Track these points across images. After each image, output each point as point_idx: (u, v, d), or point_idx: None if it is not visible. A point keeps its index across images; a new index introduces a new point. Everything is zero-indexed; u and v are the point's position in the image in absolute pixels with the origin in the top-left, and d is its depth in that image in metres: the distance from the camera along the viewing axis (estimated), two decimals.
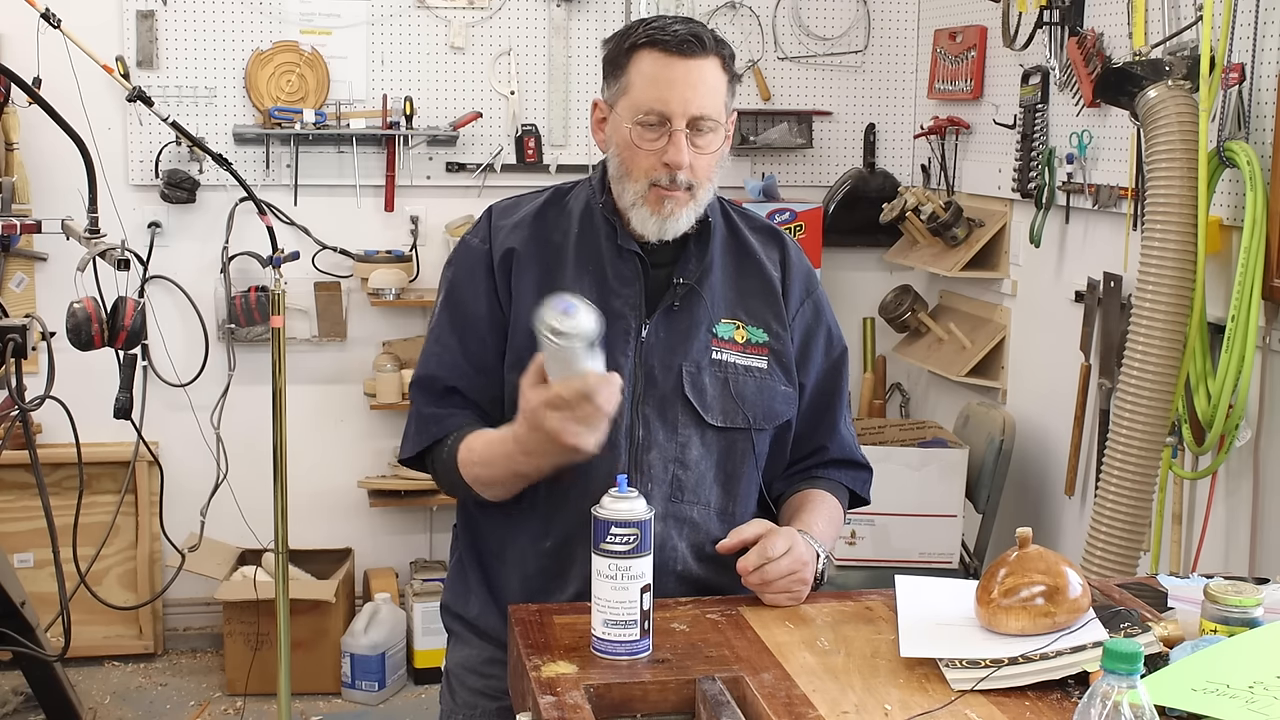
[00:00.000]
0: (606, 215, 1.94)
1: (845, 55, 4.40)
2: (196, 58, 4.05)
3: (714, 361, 1.92)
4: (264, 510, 3.46)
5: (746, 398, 1.93)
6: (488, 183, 4.20)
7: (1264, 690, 1.40)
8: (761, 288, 1.99)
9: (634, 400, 1.90)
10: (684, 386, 1.90)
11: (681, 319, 1.92)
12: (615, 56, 1.90)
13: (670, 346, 1.91)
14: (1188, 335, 2.82)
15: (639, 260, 1.92)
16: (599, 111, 1.95)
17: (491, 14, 4.19)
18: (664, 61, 1.84)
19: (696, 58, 1.84)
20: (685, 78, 1.84)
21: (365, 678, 3.95)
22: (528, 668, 1.58)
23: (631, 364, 1.90)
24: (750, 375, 1.94)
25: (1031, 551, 1.66)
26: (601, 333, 1.70)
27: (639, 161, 1.87)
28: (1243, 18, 2.76)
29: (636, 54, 1.86)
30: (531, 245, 1.95)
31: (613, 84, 1.91)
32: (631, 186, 1.88)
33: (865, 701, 1.50)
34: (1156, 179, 2.82)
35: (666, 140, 1.84)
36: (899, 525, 3.61)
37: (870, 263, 4.48)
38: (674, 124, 1.83)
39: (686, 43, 1.84)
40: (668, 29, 1.85)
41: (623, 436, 1.88)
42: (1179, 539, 3.05)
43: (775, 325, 1.98)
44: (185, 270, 4.10)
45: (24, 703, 3.73)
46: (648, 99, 1.84)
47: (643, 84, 1.85)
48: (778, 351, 1.97)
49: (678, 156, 1.84)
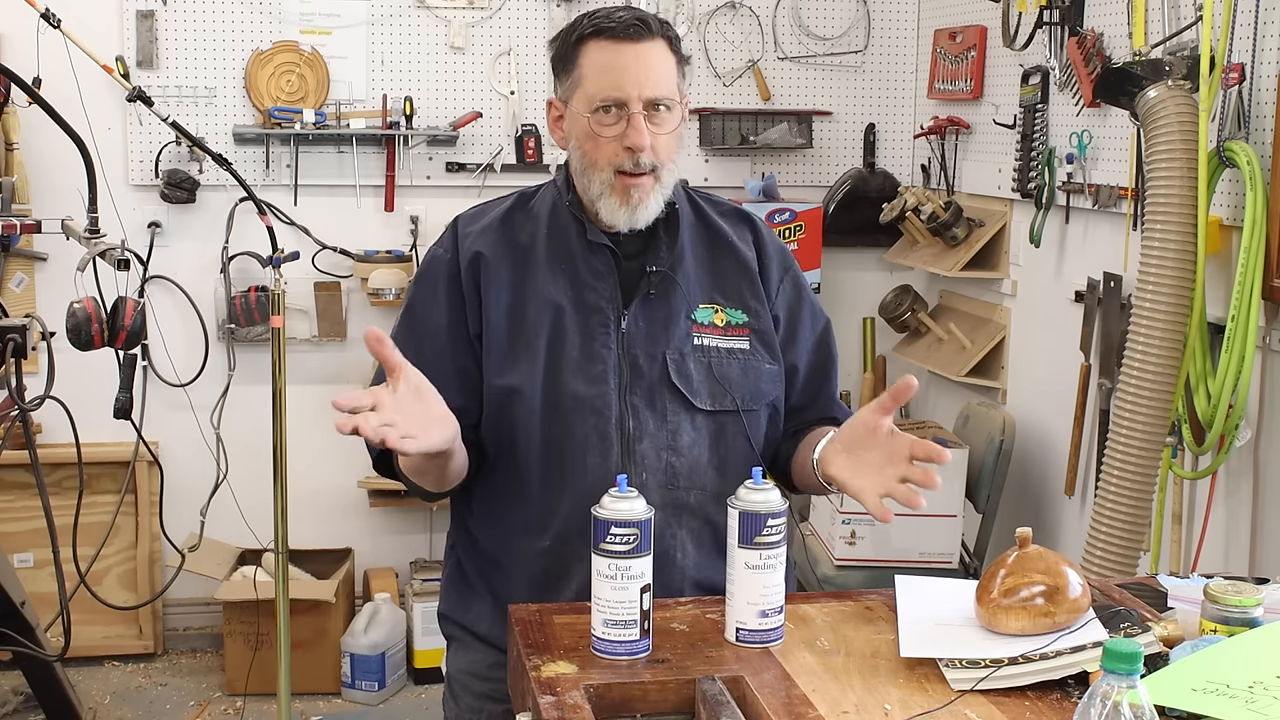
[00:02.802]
0: (574, 212, 1.95)
1: (845, 55, 4.40)
2: (196, 58, 4.05)
3: (696, 348, 1.94)
4: (264, 510, 3.46)
5: (732, 380, 1.94)
6: (488, 183, 4.20)
7: (1264, 690, 1.40)
8: (736, 268, 2.00)
9: (621, 391, 1.91)
10: (670, 373, 1.92)
11: (659, 307, 1.94)
12: (564, 52, 1.93)
13: (651, 335, 1.93)
14: (1188, 335, 2.82)
15: (610, 253, 1.94)
16: (554, 110, 1.97)
17: (491, 14, 4.19)
18: (613, 48, 1.87)
19: (644, 41, 1.87)
20: (636, 61, 1.86)
21: (365, 678, 3.95)
22: (527, 668, 1.58)
23: (615, 356, 1.91)
24: (734, 357, 1.95)
25: (1031, 551, 1.66)
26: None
27: (601, 150, 1.88)
28: (1243, 18, 2.76)
29: (584, 45, 1.89)
30: (500, 248, 1.96)
31: (565, 79, 1.93)
32: (597, 177, 1.90)
33: (865, 701, 1.50)
34: (1156, 179, 2.82)
35: (625, 124, 1.86)
36: (899, 525, 3.61)
37: (870, 263, 4.48)
38: (630, 107, 1.86)
39: (632, 27, 1.87)
40: (612, 16, 1.88)
41: (614, 429, 1.89)
42: (1179, 539, 3.05)
43: (754, 303, 1.99)
44: (185, 270, 4.10)
45: (24, 703, 3.73)
46: (602, 87, 1.86)
47: (595, 74, 1.87)
48: (759, 330, 1.98)
49: (639, 138, 1.85)
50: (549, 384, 1.90)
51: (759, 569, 1.64)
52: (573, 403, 1.89)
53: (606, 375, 1.91)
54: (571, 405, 1.89)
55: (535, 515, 1.92)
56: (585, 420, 1.89)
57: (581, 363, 1.91)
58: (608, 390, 1.90)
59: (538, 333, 1.91)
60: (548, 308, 1.92)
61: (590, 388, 1.90)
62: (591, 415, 1.89)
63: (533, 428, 1.90)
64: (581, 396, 1.89)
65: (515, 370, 1.91)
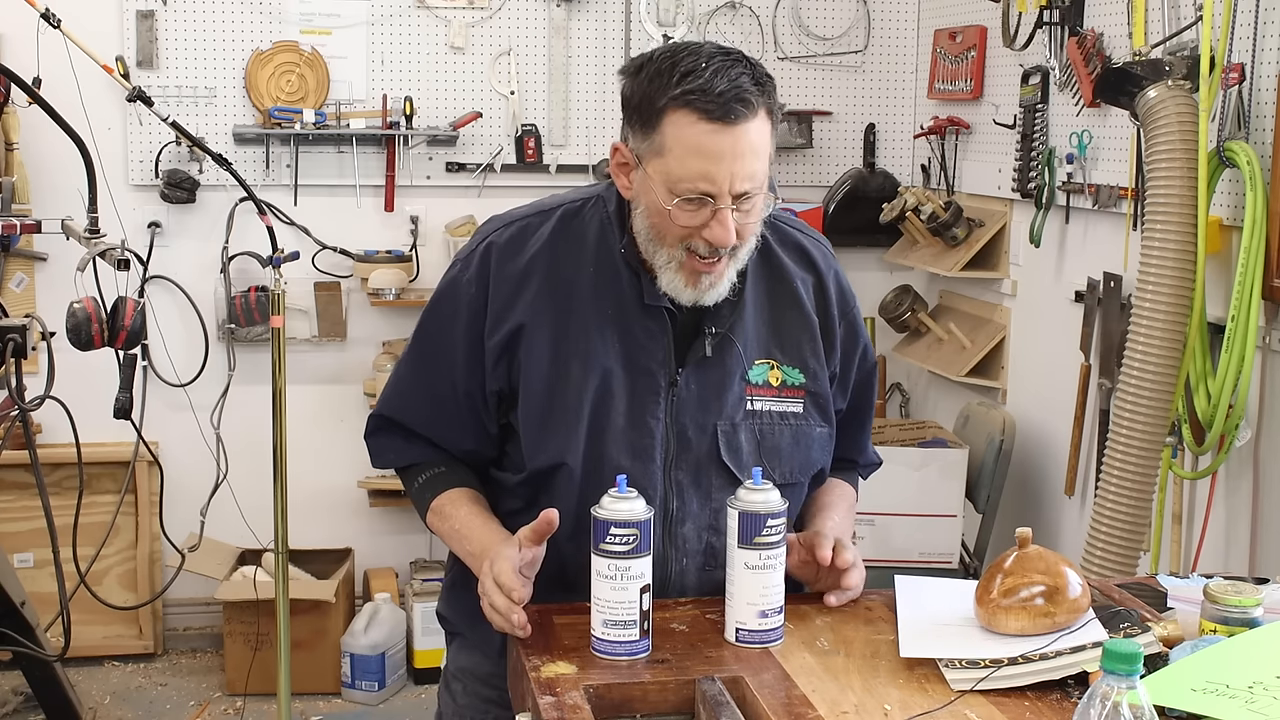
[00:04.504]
0: (629, 261, 1.76)
1: (845, 55, 4.40)
2: (196, 58, 4.05)
3: (749, 413, 1.80)
4: (264, 510, 3.46)
5: (782, 453, 1.82)
6: (488, 183, 4.20)
7: (1264, 690, 1.40)
8: (797, 320, 1.84)
9: (666, 466, 1.78)
10: (720, 449, 1.79)
11: (714, 370, 1.78)
12: (643, 106, 1.66)
13: (704, 403, 1.78)
14: (1188, 335, 2.82)
15: (667, 314, 1.77)
16: (620, 156, 1.73)
17: (491, 14, 4.19)
18: (707, 130, 1.61)
19: (743, 123, 1.62)
20: (733, 149, 1.62)
21: (365, 678, 3.95)
22: (527, 668, 1.58)
23: (663, 427, 1.77)
24: (786, 424, 1.82)
25: (1031, 551, 1.66)
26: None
27: (674, 231, 1.67)
28: (1243, 18, 2.76)
29: (672, 114, 1.63)
30: (541, 300, 1.77)
31: (640, 136, 1.67)
32: (665, 251, 1.70)
33: (865, 702, 1.50)
34: (1156, 179, 2.82)
35: (709, 215, 1.64)
36: (899, 525, 3.61)
37: (870, 263, 4.48)
38: (719, 201, 1.63)
39: (732, 109, 1.61)
40: (710, 91, 1.60)
41: (657, 507, 1.75)
42: (1179, 539, 3.05)
43: (812, 363, 1.85)
44: (185, 270, 4.10)
45: (24, 703, 3.73)
46: (689, 174, 1.62)
47: (682, 153, 1.62)
48: (814, 394, 1.85)
49: (725, 236, 1.65)
50: (590, 454, 1.77)
51: (759, 569, 1.64)
52: (616, 478, 1.68)
53: (653, 451, 1.77)
54: (614, 480, 1.67)
55: (560, 573, 1.78)
56: None
57: (628, 433, 1.76)
58: (654, 468, 1.77)
59: (582, 398, 1.76)
60: (595, 370, 1.76)
61: (635, 463, 1.76)
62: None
63: (570, 499, 1.76)
64: (625, 471, 1.71)
65: (555, 440, 1.77)
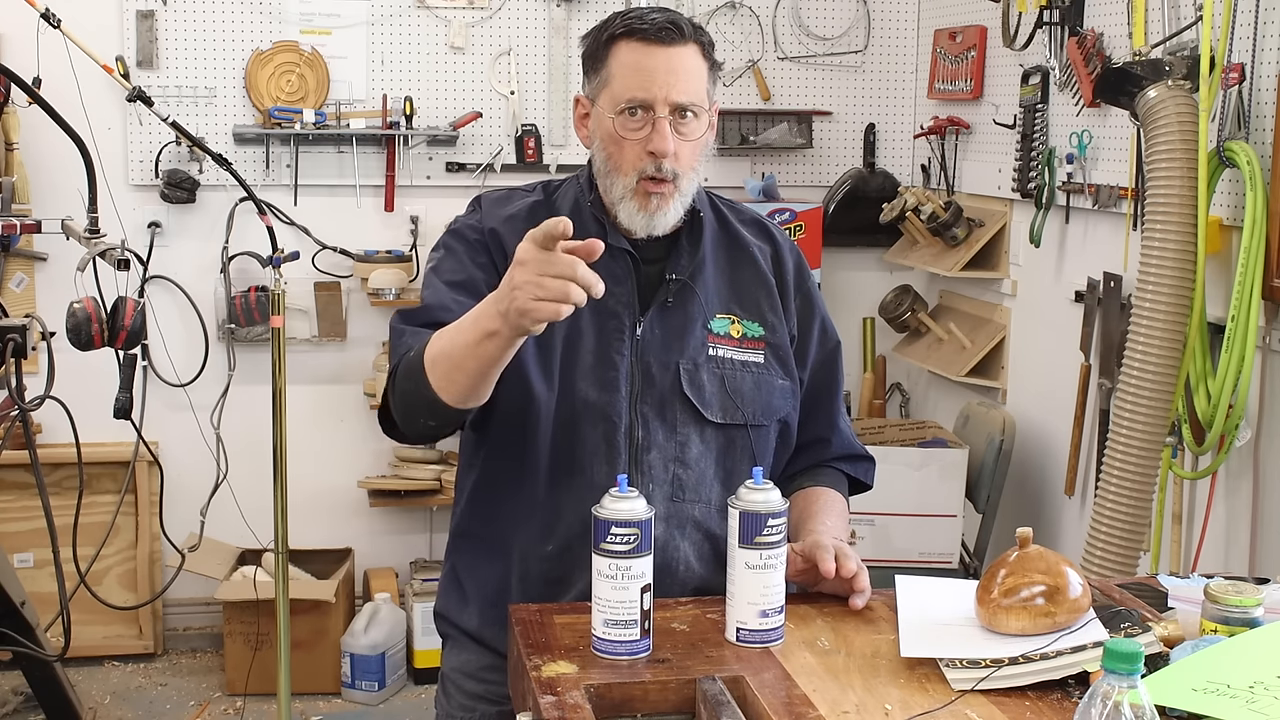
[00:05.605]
0: (595, 213, 1.93)
1: (845, 55, 4.40)
2: (196, 58, 4.05)
3: (711, 358, 1.92)
4: (264, 510, 3.46)
5: (744, 394, 1.93)
6: (488, 183, 4.20)
7: (1264, 690, 1.40)
8: (755, 279, 1.98)
9: (631, 399, 1.89)
10: (682, 384, 1.90)
11: (676, 315, 1.92)
12: (594, 50, 1.91)
13: (666, 344, 1.91)
14: (1188, 335, 2.82)
15: (630, 257, 1.92)
16: (581, 107, 1.96)
17: (491, 14, 4.19)
18: (643, 50, 1.85)
19: (676, 45, 1.85)
20: (666, 65, 1.84)
21: (365, 678, 3.95)
22: (528, 668, 1.58)
23: (628, 363, 1.90)
24: (747, 371, 1.93)
25: (1031, 551, 1.66)
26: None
27: (625, 154, 1.87)
28: (1243, 18, 2.76)
29: (615, 45, 1.87)
30: (520, 239, 1.89)
31: (593, 78, 1.91)
32: (620, 180, 1.88)
33: (865, 701, 1.50)
34: (1156, 179, 2.82)
35: (650, 128, 1.84)
36: (899, 525, 3.61)
37: (870, 263, 4.48)
38: (657, 111, 1.84)
39: (665, 30, 1.85)
40: (645, 18, 1.86)
41: (622, 437, 1.88)
42: (1179, 539, 3.05)
43: (771, 317, 1.97)
44: (185, 270, 4.10)
45: (24, 703, 3.73)
46: (629, 88, 1.85)
47: (623, 74, 1.86)
48: (774, 345, 1.96)
49: (663, 144, 1.84)
50: (563, 388, 1.88)
51: (759, 569, 1.64)
52: (584, 409, 1.87)
53: (618, 382, 1.89)
54: (583, 411, 1.87)
55: (540, 520, 1.90)
56: (595, 427, 1.88)
57: (595, 368, 1.89)
58: (619, 398, 1.88)
59: (554, 333, 1.87)
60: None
61: (602, 394, 1.88)
62: (601, 422, 1.88)
63: (545, 432, 1.88)
64: (593, 403, 1.88)
65: (531, 371, 1.88)
